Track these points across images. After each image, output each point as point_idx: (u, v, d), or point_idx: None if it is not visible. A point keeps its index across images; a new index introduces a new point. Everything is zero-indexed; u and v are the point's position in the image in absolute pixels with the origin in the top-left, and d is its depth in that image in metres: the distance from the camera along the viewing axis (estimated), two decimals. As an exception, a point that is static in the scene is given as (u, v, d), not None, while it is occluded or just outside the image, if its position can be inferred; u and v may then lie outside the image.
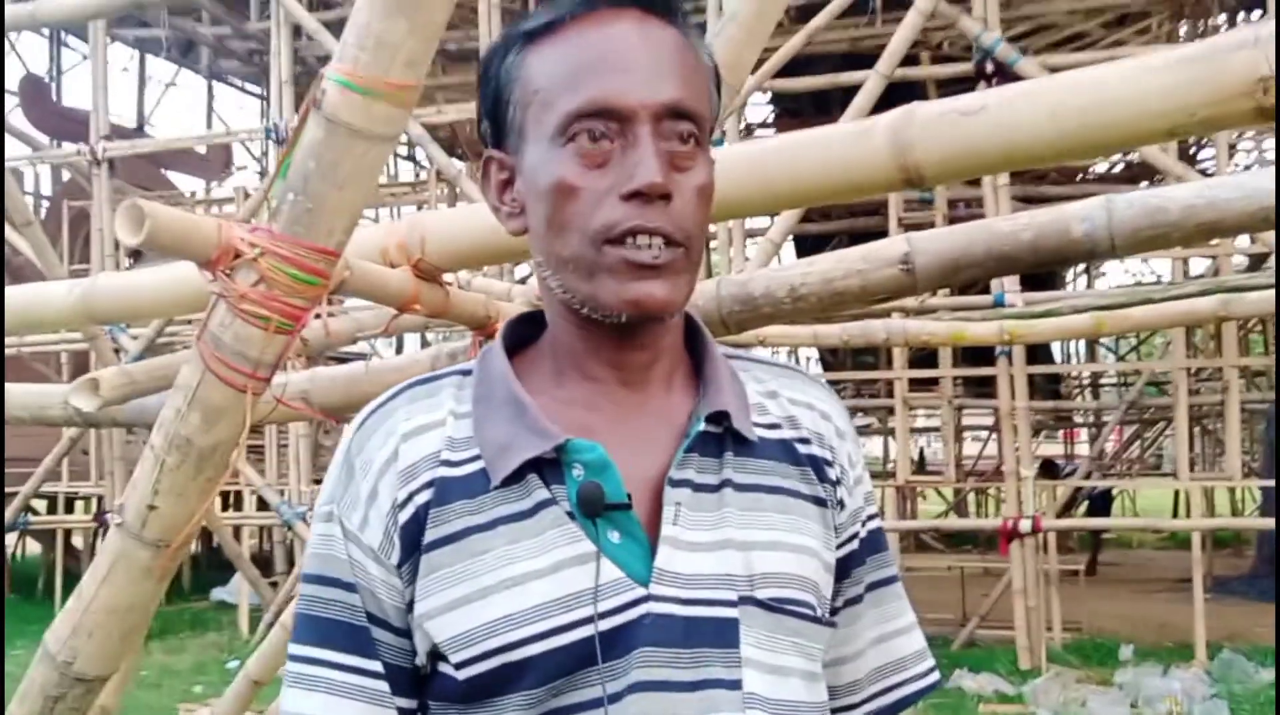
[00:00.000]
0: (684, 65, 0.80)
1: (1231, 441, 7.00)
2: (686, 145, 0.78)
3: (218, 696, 6.26)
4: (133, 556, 1.34)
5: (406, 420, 0.80)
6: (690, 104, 0.78)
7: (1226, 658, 6.32)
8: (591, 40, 0.79)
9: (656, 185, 0.75)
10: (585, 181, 0.77)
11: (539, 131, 0.79)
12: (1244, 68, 1.10)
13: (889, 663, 0.89)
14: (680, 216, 0.77)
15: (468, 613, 0.75)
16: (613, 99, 0.76)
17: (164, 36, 11.14)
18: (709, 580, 0.77)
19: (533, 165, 0.80)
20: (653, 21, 0.80)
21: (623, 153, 0.77)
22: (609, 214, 0.76)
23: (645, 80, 0.77)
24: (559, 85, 0.78)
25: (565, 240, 0.78)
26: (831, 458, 0.86)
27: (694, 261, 0.79)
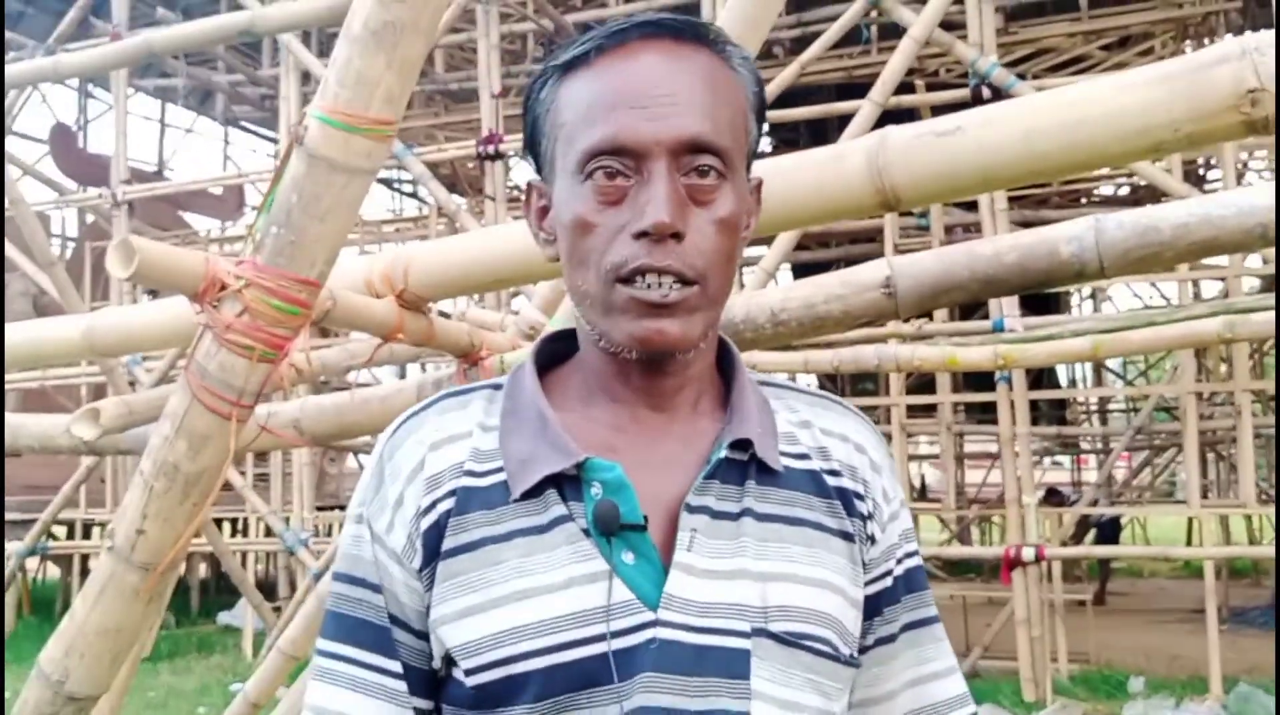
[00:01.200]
0: (711, 95, 0.79)
1: (1245, 467, 6.94)
2: (707, 178, 0.78)
3: (221, 720, 6.29)
4: (122, 579, 1.36)
5: (436, 431, 0.82)
6: (711, 137, 0.78)
7: (1244, 691, 6.18)
8: (614, 74, 0.79)
9: (664, 225, 0.75)
10: (600, 218, 0.78)
11: (564, 165, 0.81)
12: (1229, 81, 1.09)
13: (924, 707, 0.87)
14: (694, 253, 0.77)
15: (478, 621, 0.76)
16: (626, 137, 0.77)
17: (181, 85, 11.49)
18: (721, 609, 0.76)
19: (559, 198, 0.82)
20: (684, 49, 0.80)
21: (638, 189, 0.77)
22: (619, 252, 0.77)
23: (662, 115, 0.77)
24: (580, 120, 0.79)
25: (584, 275, 0.79)
26: (864, 492, 0.85)
27: (711, 297, 0.79)
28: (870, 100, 5.27)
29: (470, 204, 8.23)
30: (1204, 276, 8.35)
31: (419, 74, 1.30)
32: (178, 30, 3.03)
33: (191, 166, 23.64)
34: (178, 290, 1.33)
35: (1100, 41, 9.06)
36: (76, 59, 3.33)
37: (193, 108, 13.45)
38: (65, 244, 12.52)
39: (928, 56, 7.94)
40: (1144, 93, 1.18)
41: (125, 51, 2.93)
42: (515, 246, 1.61)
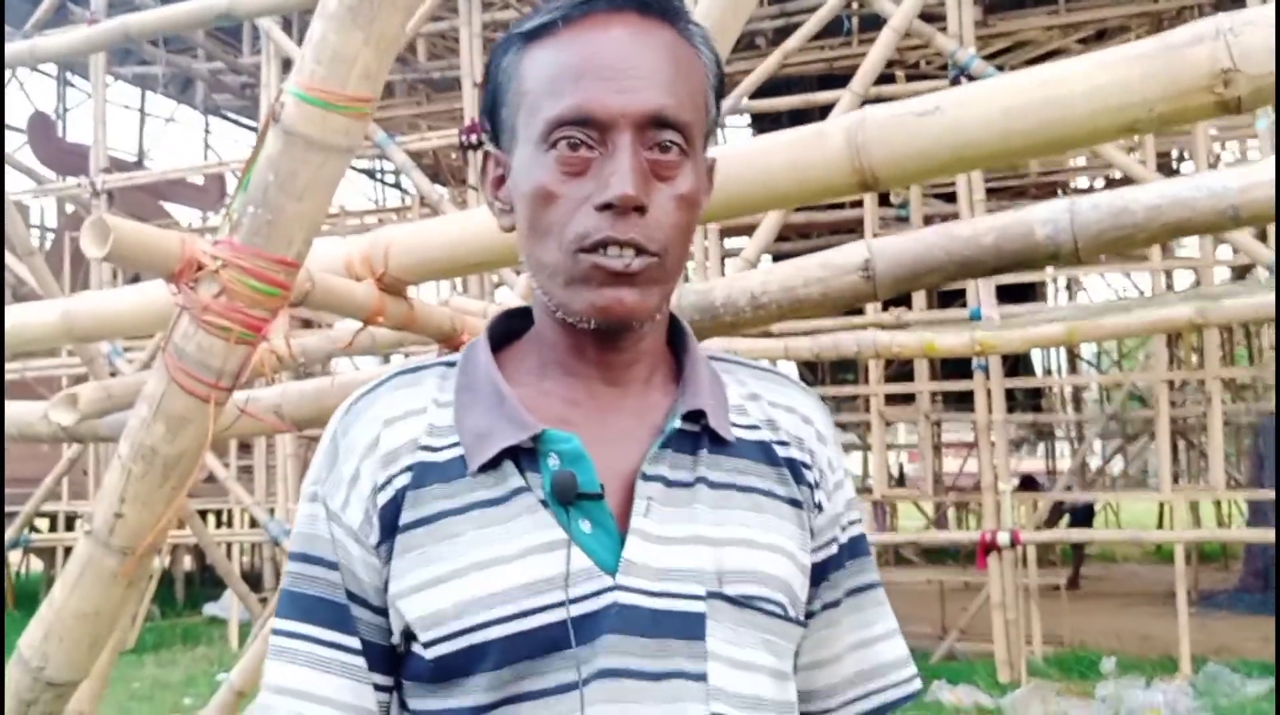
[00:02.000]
0: (675, 71, 0.80)
1: (1215, 454, 7.03)
2: (669, 154, 0.78)
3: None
4: (101, 563, 1.35)
5: (390, 406, 0.82)
6: (674, 112, 0.78)
7: (1212, 670, 6.29)
8: (581, 45, 0.79)
9: (628, 198, 0.76)
10: (564, 189, 0.78)
11: (526, 134, 0.80)
12: (1203, 61, 1.10)
13: (867, 669, 0.89)
14: (655, 227, 0.77)
15: (437, 593, 0.77)
16: (593, 107, 0.77)
17: (161, 72, 11.39)
18: (677, 574, 0.78)
19: (519, 168, 0.81)
20: (649, 23, 0.80)
21: (602, 161, 0.77)
22: (583, 223, 0.77)
23: (629, 88, 0.77)
24: (545, 90, 0.79)
25: (544, 245, 0.79)
26: (810, 461, 0.86)
27: (670, 270, 0.80)
28: (850, 90, 5.28)
29: (453, 194, 8.20)
30: (1176, 266, 8.43)
31: (398, 55, 1.29)
32: (155, 14, 3.00)
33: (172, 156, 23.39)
34: (153, 271, 1.32)
35: (1077, 35, 9.12)
36: (52, 43, 3.30)
37: (173, 96, 13.32)
38: (44, 234, 12.43)
39: (907, 48, 7.97)
40: (1118, 72, 1.19)
41: (101, 35, 2.90)
42: (497, 230, 1.60)
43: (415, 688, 0.79)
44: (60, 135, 12.57)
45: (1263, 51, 1.11)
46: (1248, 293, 3.21)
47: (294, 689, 0.79)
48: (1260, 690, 6.09)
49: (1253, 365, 10.44)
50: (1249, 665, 6.61)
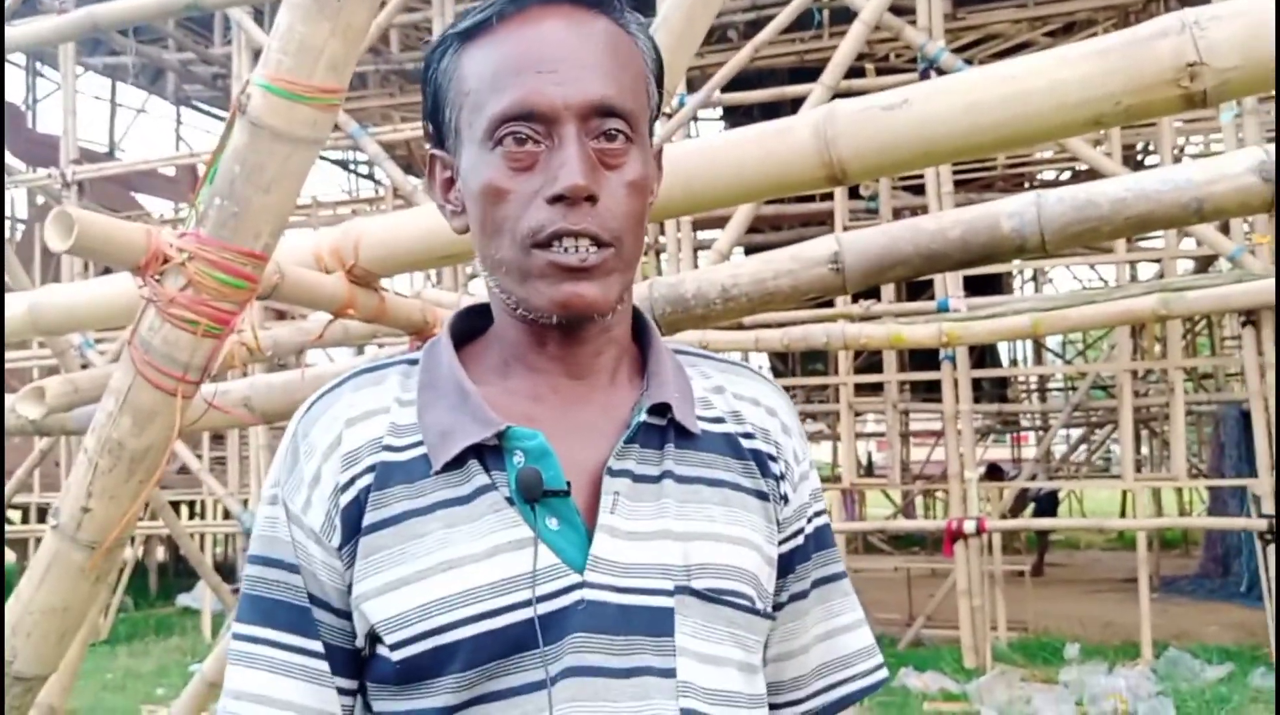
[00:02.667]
0: (614, 60, 0.79)
1: (1176, 443, 7.15)
2: (615, 142, 0.78)
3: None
4: (68, 558, 1.33)
5: (351, 406, 0.81)
6: (617, 101, 0.78)
7: (1173, 656, 6.40)
8: (518, 40, 0.78)
9: (579, 188, 0.75)
10: (513, 184, 0.77)
11: (471, 134, 0.79)
12: (1168, 55, 1.11)
13: (834, 659, 0.89)
14: (608, 216, 0.77)
15: (403, 595, 0.76)
16: (536, 101, 0.76)
17: (131, 63, 11.25)
18: (645, 569, 0.77)
19: (467, 168, 0.80)
20: (584, 15, 0.79)
21: (549, 154, 0.77)
22: (535, 217, 0.76)
23: (570, 79, 0.77)
24: (486, 87, 0.78)
25: (497, 243, 0.78)
26: (776, 453, 0.86)
27: (626, 259, 0.79)
28: (821, 84, 5.30)
29: (425, 184, 8.16)
30: (1140, 258, 8.55)
31: (371, 46, 1.28)
32: (123, 4, 2.95)
33: (143, 147, 23.01)
34: (118, 263, 1.30)
35: (1045, 28, 9.20)
36: (20, 33, 3.25)
37: (143, 87, 13.16)
38: (15, 226, 12.27)
39: (877, 41, 8.01)
40: (1084, 66, 1.21)
41: (70, 25, 2.85)
42: (464, 220, 1.60)
43: (380, 690, 0.78)
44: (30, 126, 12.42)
45: (1229, 45, 1.12)
46: (1210, 284, 3.27)
47: (255, 694, 0.78)
48: (1219, 674, 6.21)
49: (1213, 355, 10.61)
50: (1208, 650, 6.74)
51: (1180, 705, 5.57)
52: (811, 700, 0.89)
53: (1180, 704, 5.59)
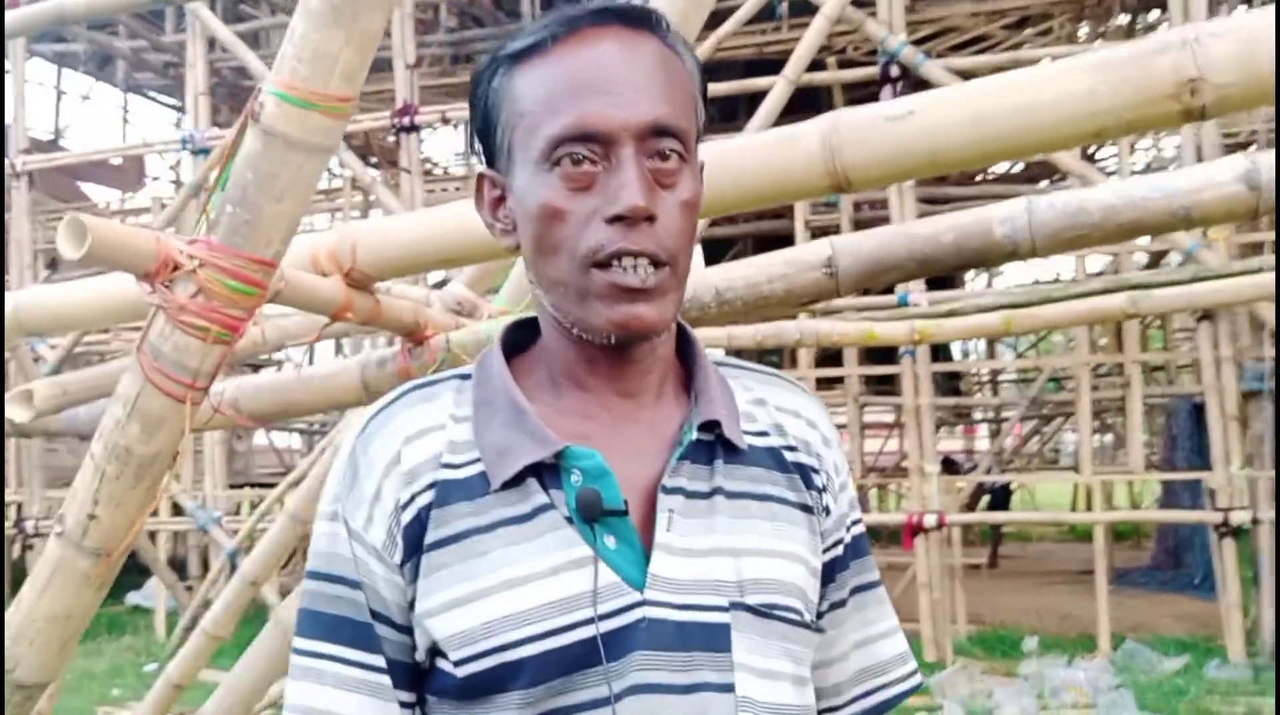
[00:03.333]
0: (667, 80, 0.81)
1: (1134, 436, 7.30)
2: (669, 162, 0.79)
3: (136, 700, 6.15)
4: (72, 565, 1.32)
5: (408, 423, 0.82)
6: (672, 120, 0.79)
7: (1130, 648, 6.54)
8: (574, 62, 0.79)
9: (640, 208, 0.76)
10: (571, 205, 0.78)
11: (526, 154, 0.80)
12: (1169, 70, 1.14)
13: (872, 665, 0.92)
14: (665, 235, 0.78)
15: (467, 612, 0.77)
16: (594, 122, 0.77)
17: (82, 50, 11.02)
18: (701, 586, 0.79)
19: (521, 187, 0.81)
20: (636, 36, 0.81)
21: (607, 175, 0.78)
22: (595, 237, 0.77)
23: (627, 101, 0.78)
24: (542, 109, 0.79)
25: (555, 263, 0.79)
26: (818, 465, 0.88)
27: (680, 278, 0.81)
28: (784, 78, 5.34)
29: (385, 177, 8.08)
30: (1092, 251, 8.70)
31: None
32: (89, -5, 2.90)
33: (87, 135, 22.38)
34: (129, 270, 1.29)
35: (1001, 21, 9.32)
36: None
37: (91, 73, 12.88)
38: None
39: (837, 34, 8.05)
40: (1088, 79, 1.23)
41: (35, 17, 2.79)
42: (467, 225, 1.60)
43: (441, 704, 0.80)
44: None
45: (1227, 61, 1.16)
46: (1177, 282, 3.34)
47: (323, 709, 0.79)
48: (1176, 666, 6.36)
49: (1165, 348, 10.84)
50: (1165, 642, 6.90)
51: (1140, 697, 5.69)
52: (850, 706, 0.91)
53: (1140, 696, 5.71)
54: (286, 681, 0.83)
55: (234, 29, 8.29)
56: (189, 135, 8.11)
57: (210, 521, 7.90)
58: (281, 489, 7.96)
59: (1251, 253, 6.91)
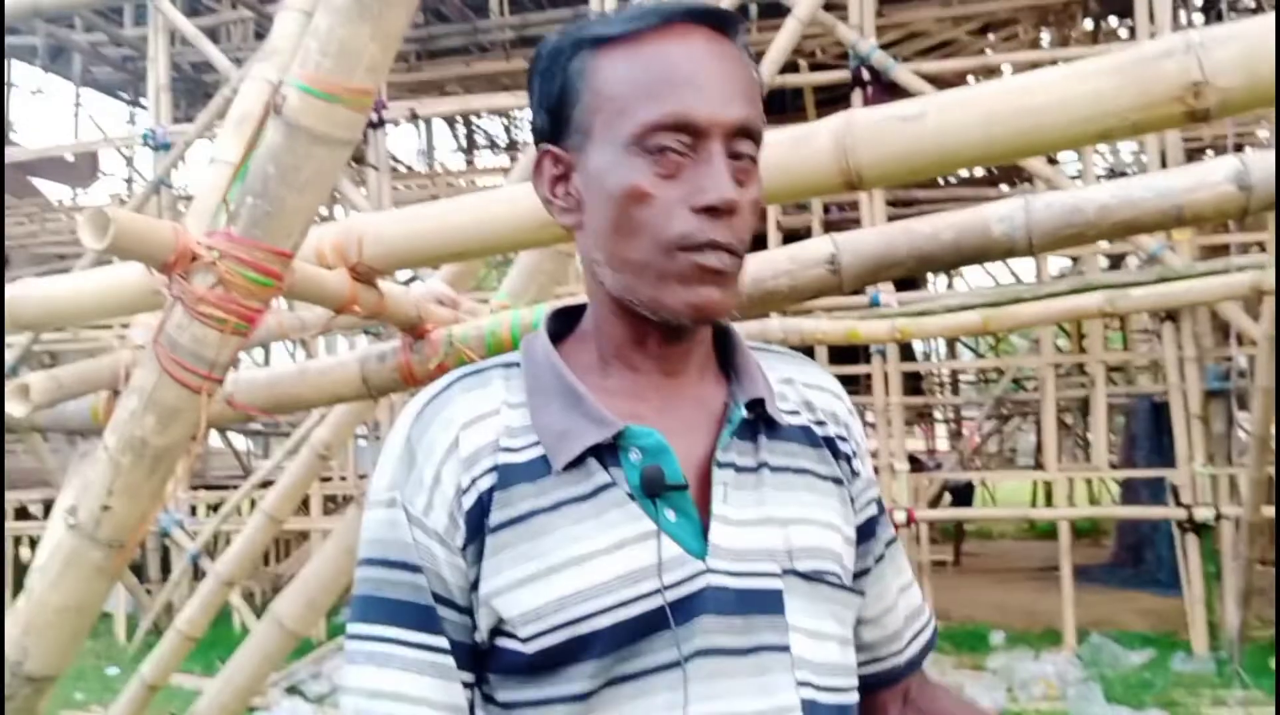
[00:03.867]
0: (748, 85, 0.84)
1: (1098, 434, 7.43)
2: (744, 162, 0.83)
3: (100, 704, 6.06)
4: (85, 557, 1.32)
5: (465, 410, 0.84)
6: (755, 123, 0.83)
7: (1096, 642, 6.65)
8: (669, 54, 0.81)
9: (731, 202, 0.80)
10: (658, 190, 0.80)
11: (609, 135, 0.82)
12: (1175, 73, 1.18)
13: (913, 610, 0.98)
14: (741, 229, 0.82)
15: (536, 589, 0.79)
16: (690, 114, 0.80)
17: (38, 43, 10.78)
18: (756, 554, 0.83)
19: (600, 168, 0.83)
20: (720, 38, 0.84)
21: (694, 166, 0.80)
22: (683, 224, 0.80)
23: (719, 98, 0.81)
24: (637, 95, 0.81)
25: (634, 244, 0.82)
26: (846, 435, 0.93)
27: (743, 268, 0.85)
28: (759, 79, 5.38)
29: (352, 173, 8.02)
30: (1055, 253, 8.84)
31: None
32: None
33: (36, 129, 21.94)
34: (148, 261, 1.29)
35: (967, 26, 9.44)
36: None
37: (44, 67, 12.61)
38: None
39: (808, 37, 8.12)
40: (1096, 82, 1.27)
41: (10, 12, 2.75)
42: (473, 218, 1.61)
43: (507, 679, 0.82)
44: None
45: (1231, 65, 1.20)
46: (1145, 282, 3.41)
47: (391, 692, 0.81)
48: (1142, 660, 6.48)
49: (1125, 349, 11.04)
50: (1128, 636, 7.01)
51: (1107, 690, 5.79)
52: (909, 649, 0.98)
53: (1107, 689, 5.81)
54: (344, 666, 0.84)
55: (196, 23, 8.17)
56: (150, 131, 7.99)
57: (172, 524, 7.81)
58: (245, 490, 7.88)
59: (1214, 255, 7.06)
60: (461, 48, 10.30)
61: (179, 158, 7.88)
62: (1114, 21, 10.04)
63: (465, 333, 1.86)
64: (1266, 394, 4.57)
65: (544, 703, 0.80)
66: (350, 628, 0.83)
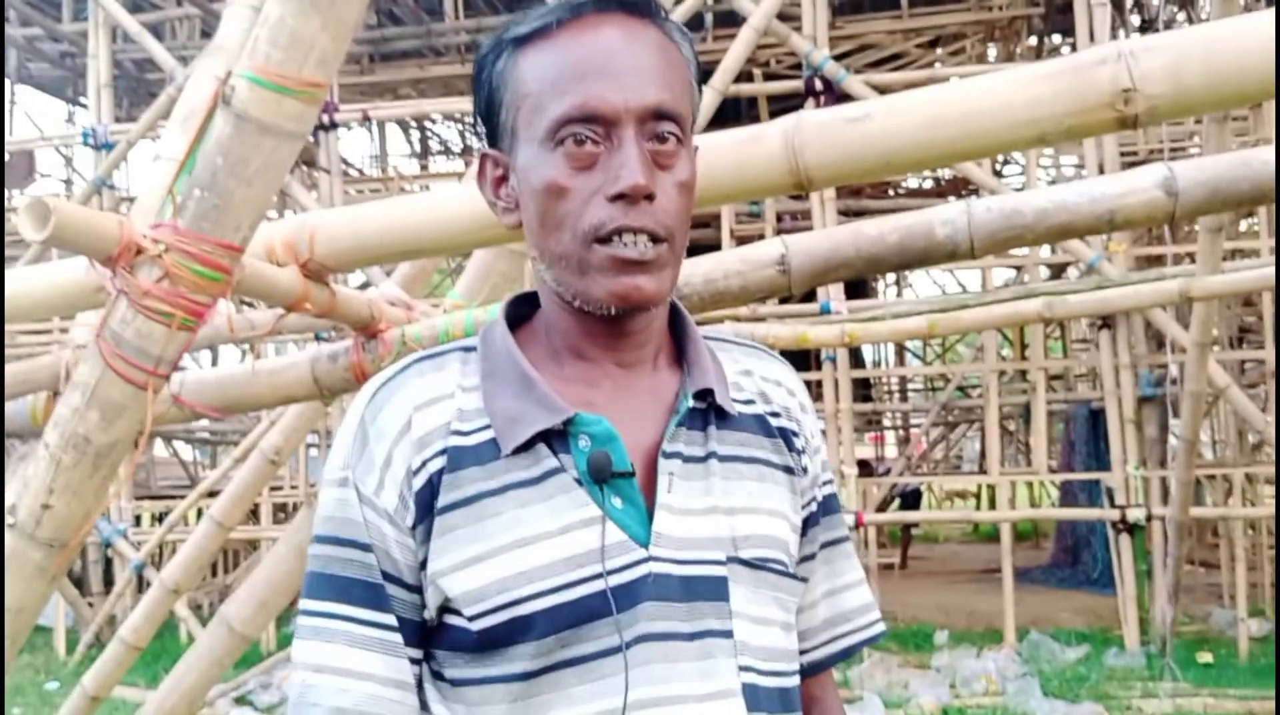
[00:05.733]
0: (666, 66, 0.84)
1: (1039, 439, 7.58)
2: (667, 144, 0.83)
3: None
4: (25, 557, 1.29)
5: (418, 392, 0.85)
6: (671, 105, 0.83)
7: (1034, 640, 6.84)
8: (578, 46, 0.82)
9: (640, 187, 0.80)
10: (574, 183, 0.81)
11: (530, 133, 0.83)
12: (1106, 81, 1.22)
13: (838, 614, 0.98)
14: (663, 213, 0.82)
15: (481, 570, 0.81)
16: (598, 104, 0.81)
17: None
18: (701, 542, 0.84)
19: (525, 166, 0.84)
20: (636, 23, 0.84)
21: (609, 155, 0.81)
22: (597, 214, 0.81)
23: (629, 84, 0.81)
24: (547, 90, 0.82)
25: (557, 238, 0.83)
26: (798, 429, 0.94)
27: (677, 254, 0.85)
28: (711, 87, 5.43)
29: (303, 176, 7.93)
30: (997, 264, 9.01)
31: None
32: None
33: (-35, 126, 21.29)
34: (91, 254, 1.27)
35: (917, 40, 9.59)
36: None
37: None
38: None
39: (761, 46, 8.19)
40: (1033, 88, 1.30)
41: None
42: (427, 216, 1.61)
43: (454, 658, 0.83)
44: None
45: (1158, 74, 1.24)
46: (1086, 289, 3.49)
47: (337, 667, 0.82)
48: (1077, 655, 6.66)
49: (1065, 357, 11.27)
50: (1066, 634, 7.21)
51: (1044, 684, 5.94)
52: (818, 650, 0.98)
53: (1044, 683, 5.97)
54: (295, 641, 0.84)
55: (139, 19, 7.92)
56: (90, 129, 7.80)
57: (115, 534, 7.64)
58: (192, 499, 7.73)
59: (1150, 266, 7.25)
60: (415, 51, 10.24)
61: (122, 158, 7.73)
62: (1057, 39, 10.26)
63: (419, 332, 1.86)
64: (1195, 398, 4.69)
65: (488, 681, 0.81)
66: (301, 603, 0.84)
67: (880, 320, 3.51)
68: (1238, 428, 8.53)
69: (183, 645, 7.35)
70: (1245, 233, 8.00)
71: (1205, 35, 1.24)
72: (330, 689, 0.81)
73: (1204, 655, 6.51)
